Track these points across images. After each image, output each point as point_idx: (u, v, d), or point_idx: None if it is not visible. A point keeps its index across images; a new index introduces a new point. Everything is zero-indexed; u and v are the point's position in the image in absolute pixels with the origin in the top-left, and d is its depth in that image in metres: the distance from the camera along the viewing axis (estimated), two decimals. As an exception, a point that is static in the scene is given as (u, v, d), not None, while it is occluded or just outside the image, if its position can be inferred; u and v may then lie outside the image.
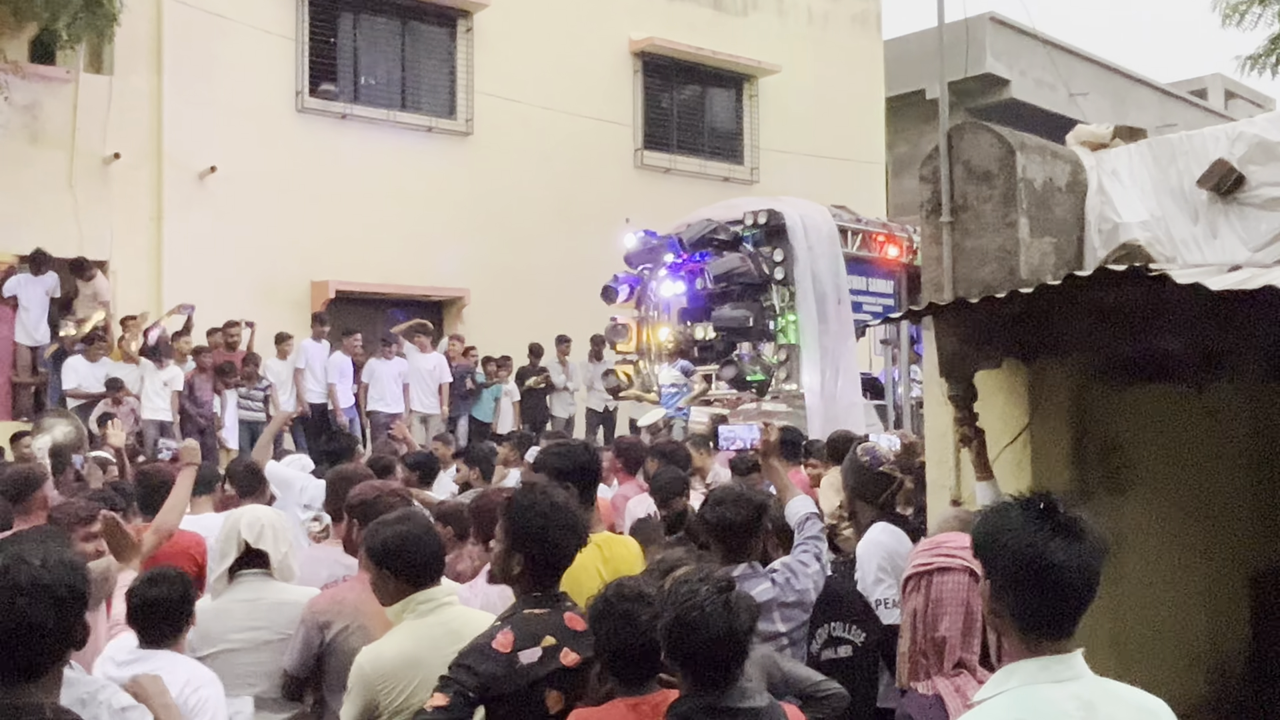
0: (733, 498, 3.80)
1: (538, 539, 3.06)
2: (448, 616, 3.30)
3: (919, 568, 3.04)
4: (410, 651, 3.22)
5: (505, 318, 15.00)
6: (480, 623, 3.30)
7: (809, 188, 15.17)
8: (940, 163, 4.86)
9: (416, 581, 3.32)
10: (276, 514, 4.12)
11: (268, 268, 14.06)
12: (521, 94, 16.02)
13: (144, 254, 13.58)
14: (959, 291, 4.67)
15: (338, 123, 15.14)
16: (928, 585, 2.97)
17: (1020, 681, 2.06)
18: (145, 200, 13.68)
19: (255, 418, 12.36)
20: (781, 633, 3.76)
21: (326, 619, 3.67)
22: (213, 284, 13.21)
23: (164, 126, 13.80)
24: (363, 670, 3.21)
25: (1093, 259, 4.86)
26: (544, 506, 3.09)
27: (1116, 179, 4.98)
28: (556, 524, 3.07)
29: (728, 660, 2.53)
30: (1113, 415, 4.81)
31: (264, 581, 3.89)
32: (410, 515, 3.45)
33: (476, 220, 15.72)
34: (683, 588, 2.55)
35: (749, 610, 2.57)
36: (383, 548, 3.34)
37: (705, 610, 2.50)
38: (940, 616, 2.93)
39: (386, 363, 13.17)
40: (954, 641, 2.89)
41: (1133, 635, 4.51)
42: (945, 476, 4.82)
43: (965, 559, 2.82)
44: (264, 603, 3.84)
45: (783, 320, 12.34)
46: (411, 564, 3.33)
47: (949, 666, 2.90)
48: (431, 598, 3.30)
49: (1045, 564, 2.04)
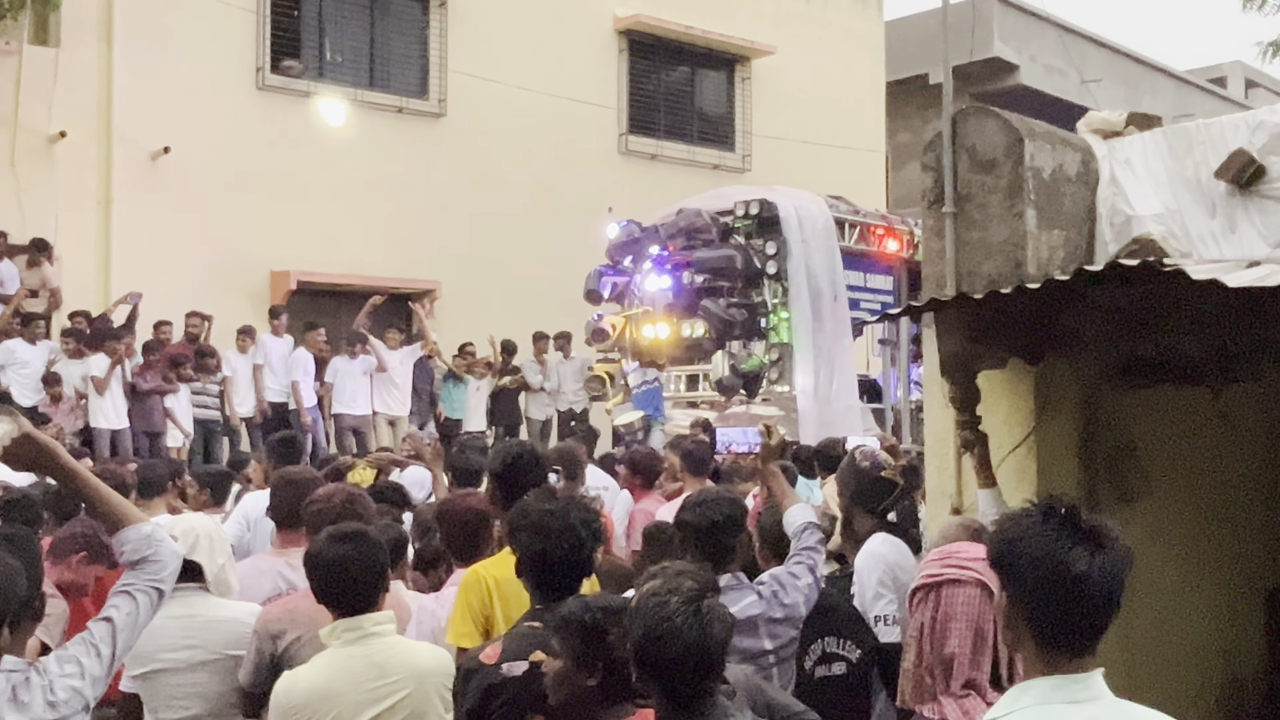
0: (710, 498, 3.79)
1: (537, 556, 3.15)
2: (375, 648, 3.27)
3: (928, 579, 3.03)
4: (323, 684, 3.21)
5: (479, 312, 14.95)
6: (416, 653, 3.34)
7: (804, 177, 15.19)
8: (943, 150, 4.85)
9: (340, 607, 3.31)
10: (214, 523, 4.07)
11: (224, 256, 13.98)
12: (498, 73, 15.97)
13: (91, 240, 13.49)
14: (962, 287, 4.66)
15: (301, 101, 15.06)
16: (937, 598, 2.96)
17: (1033, 701, 2.05)
18: (93, 182, 13.59)
19: (210, 416, 12.28)
20: (768, 650, 3.73)
21: (279, 628, 3.66)
22: (164, 273, 13.10)
23: (114, 103, 13.70)
24: (276, 698, 3.24)
25: (1104, 253, 4.87)
26: (540, 521, 3.17)
27: (1130, 169, 4.99)
28: (556, 540, 3.14)
29: (701, 675, 2.50)
30: (1123, 419, 4.81)
31: (199, 596, 3.82)
32: (350, 534, 3.39)
33: (449, 208, 15.67)
34: (651, 600, 2.51)
35: (723, 621, 2.53)
36: (308, 566, 3.38)
37: (675, 622, 2.46)
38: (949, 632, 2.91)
39: (351, 361, 13.09)
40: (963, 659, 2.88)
41: (1142, 655, 4.51)
42: (946, 483, 4.81)
43: (978, 571, 2.80)
44: (199, 620, 3.78)
45: (775, 317, 12.36)
46: (332, 589, 3.31)
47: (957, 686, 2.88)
48: (357, 626, 3.28)
49: (1066, 574, 2.02)
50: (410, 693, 3.25)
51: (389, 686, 3.23)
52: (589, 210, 15.04)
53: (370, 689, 3.20)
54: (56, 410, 11.06)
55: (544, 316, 14.60)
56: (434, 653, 3.44)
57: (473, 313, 15.07)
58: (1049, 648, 2.06)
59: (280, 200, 14.45)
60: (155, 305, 12.50)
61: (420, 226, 15.41)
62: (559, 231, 15.49)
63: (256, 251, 14.30)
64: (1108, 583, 2.04)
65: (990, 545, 2.15)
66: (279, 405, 12.83)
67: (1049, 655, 2.07)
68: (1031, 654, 2.09)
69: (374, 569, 3.35)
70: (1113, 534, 2.08)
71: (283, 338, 13.13)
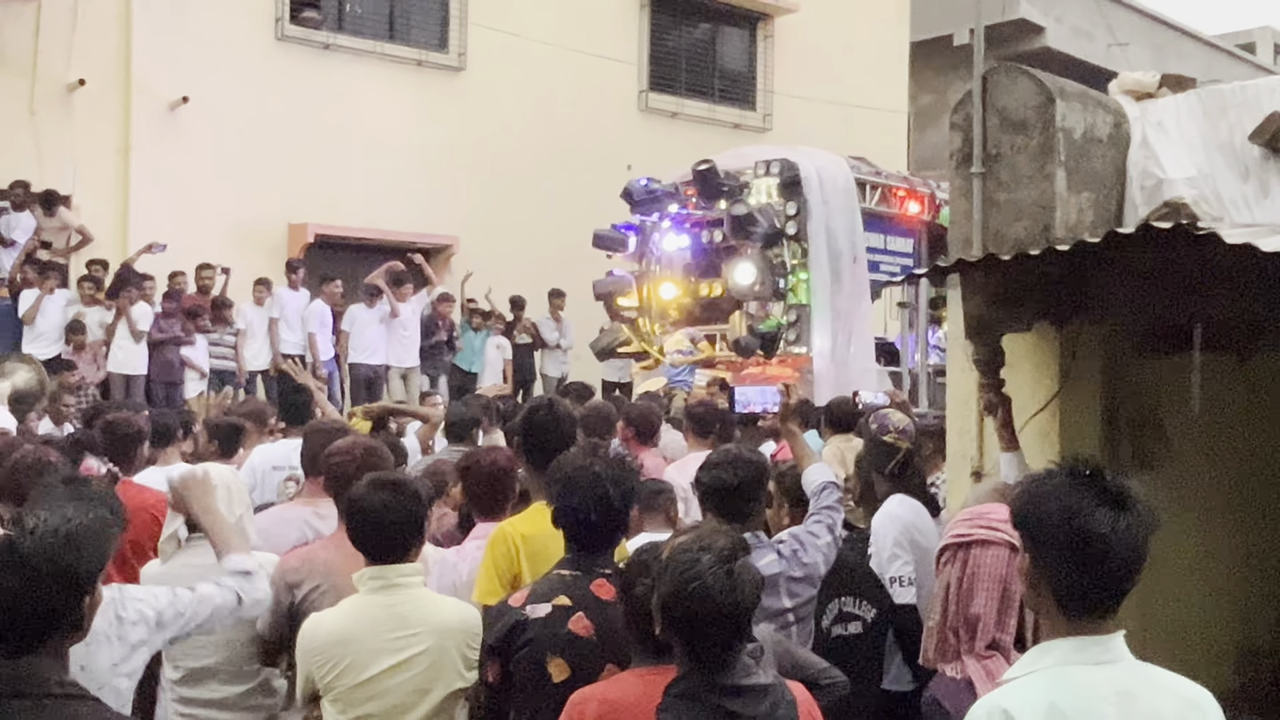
0: (730, 459, 3.76)
1: (570, 510, 3.20)
2: (398, 599, 3.30)
3: (957, 538, 3.02)
4: (345, 629, 3.26)
5: (496, 268, 14.91)
6: (440, 608, 3.35)
7: (826, 137, 15.05)
8: (973, 109, 4.80)
9: (370, 555, 3.34)
10: (231, 473, 4.09)
11: (242, 208, 13.95)
12: (519, 27, 15.84)
13: (109, 189, 13.46)
14: (989, 248, 4.62)
15: (320, 53, 14.96)
16: (965, 558, 2.96)
17: (1054, 661, 2.04)
18: (111, 131, 13.54)
19: (226, 366, 12.33)
20: (787, 608, 3.74)
21: (297, 579, 3.68)
22: (182, 224, 13.09)
23: (133, 52, 13.61)
24: (302, 638, 3.31)
25: (1134, 216, 4.82)
26: (572, 474, 3.23)
27: (1162, 131, 4.92)
28: (590, 494, 3.18)
29: (730, 636, 2.50)
30: (1148, 385, 4.78)
31: None
32: (384, 482, 3.42)
33: (467, 163, 15.60)
34: (682, 556, 2.49)
35: (753, 583, 2.52)
36: (348, 510, 3.42)
37: (706, 582, 2.45)
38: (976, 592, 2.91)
39: (369, 310, 13.09)
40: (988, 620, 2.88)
41: (1159, 620, 4.50)
42: (967, 446, 4.80)
43: (1007, 533, 2.80)
44: (216, 569, 3.82)
45: (793, 278, 12.30)
46: (363, 535, 3.35)
47: (981, 647, 2.88)
48: (382, 575, 3.30)
49: (1089, 534, 2.01)
50: (429, 647, 3.27)
51: (408, 639, 3.25)
52: (607, 167, 14.93)
53: (390, 638, 3.22)
54: (80, 359, 11.10)
55: (561, 273, 14.57)
56: (459, 609, 3.45)
57: (489, 269, 15.03)
58: (1071, 609, 2.06)
59: (298, 153, 14.39)
60: (172, 256, 12.51)
61: (438, 181, 15.35)
62: (577, 188, 15.41)
63: (274, 204, 14.27)
64: (1131, 544, 2.03)
65: (1013, 505, 2.14)
66: (297, 358, 12.84)
67: (1071, 616, 2.06)
68: (1053, 615, 2.08)
69: (410, 519, 3.37)
70: (1138, 495, 2.07)
71: (299, 291, 13.13)
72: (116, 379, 11.44)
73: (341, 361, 13.12)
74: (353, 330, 13.02)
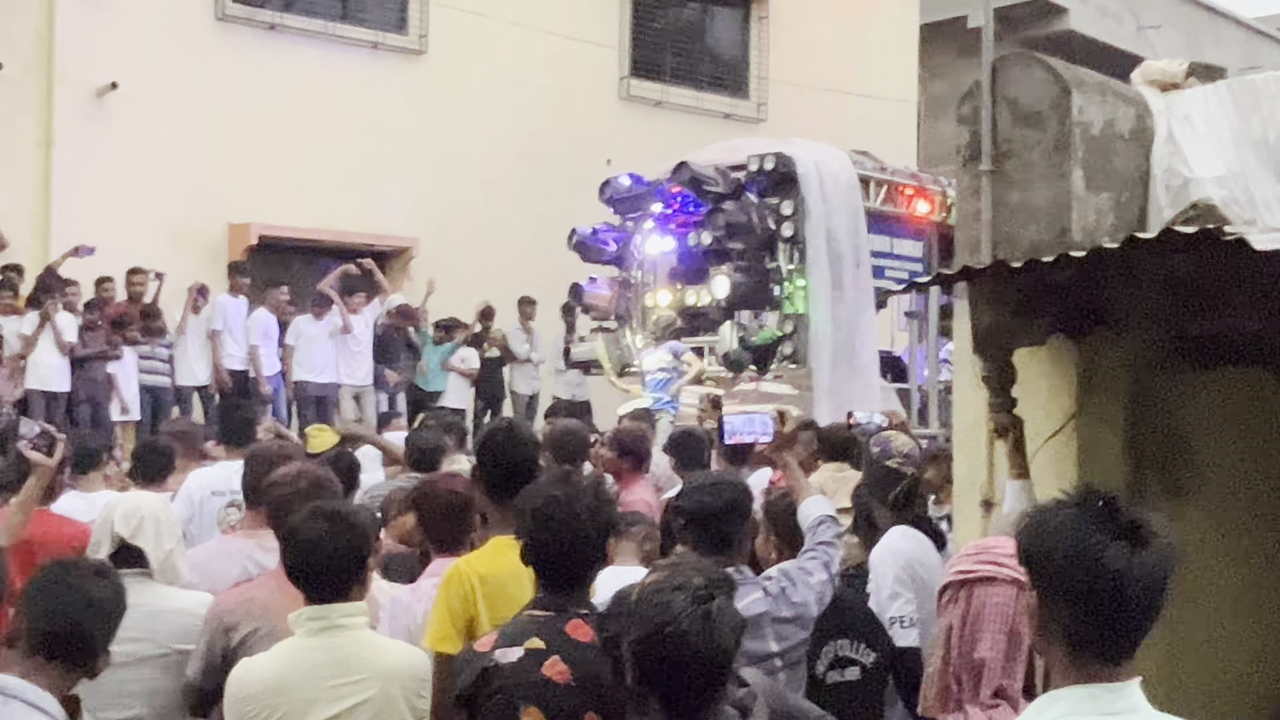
0: (711, 481, 3.79)
1: (539, 545, 3.20)
2: (340, 641, 3.30)
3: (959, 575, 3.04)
4: (279, 676, 3.26)
5: (460, 273, 14.93)
6: (386, 652, 3.36)
7: (826, 129, 15.14)
8: (981, 101, 4.84)
9: (308, 592, 3.35)
10: (161, 503, 4.09)
11: (178, 207, 13.95)
12: (486, 6, 15.90)
13: (29, 185, 13.45)
14: (999, 253, 4.65)
15: (265, 34, 15.00)
16: (968, 597, 2.97)
17: (1063, 711, 2.06)
18: (31, 122, 13.55)
19: (159, 382, 12.30)
20: (774, 653, 3.75)
21: (233, 620, 3.68)
22: (111, 224, 13.08)
23: (55, 33, 13.64)
24: (230, 685, 3.29)
25: (1158, 219, 4.86)
26: (542, 506, 3.23)
27: (1189, 126, 4.97)
28: (558, 529, 3.19)
29: (707, 685, 2.50)
30: (1176, 404, 4.81)
31: (142, 584, 3.82)
32: (323, 512, 3.43)
33: (429, 157, 15.62)
34: (654, 597, 2.50)
35: (733, 625, 2.53)
36: (283, 541, 3.45)
37: (681, 625, 2.45)
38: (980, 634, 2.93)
39: (317, 322, 13.08)
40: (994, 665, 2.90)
41: (1191, 665, 4.53)
42: (977, 473, 4.82)
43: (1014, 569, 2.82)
44: (141, 610, 3.77)
45: (790, 285, 12.34)
46: (301, 571, 3.36)
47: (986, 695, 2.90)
48: (323, 616, 3.30)
49: (1101, 572, 2.02)
50: (373, 695, 3.27)
51: (351, 686, 3.25)
52: (585, 162, 14.98)
53: (329, 685, 3.22)
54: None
55: (532, 279, 14.60)
56: (407, 653, 3.45)
57: (453, 274, 15.04)
58: (1082, 654, 2.07)
59: (240, 145, 14.40)
60: (100, 260, 12.50)
61: (396, 177, 15.36)
62: (551, 185, 15.46)
63: (214, 202, 14.28)
64: (1148, 583, 2.04)
65: (1019, 539, 2.15)
66: (239, 374, 12.83)
67: (1082, 662, 2.07)
68: (1063, 660, 2.09)
69: (350, 554, 3.37)
70: (1155, 529, 2.08)
71: (239, 299, 13.11)
72: (36, 397, 11.39)
73: (287, 379, 13.10)
74: (299, 344, 13.01)
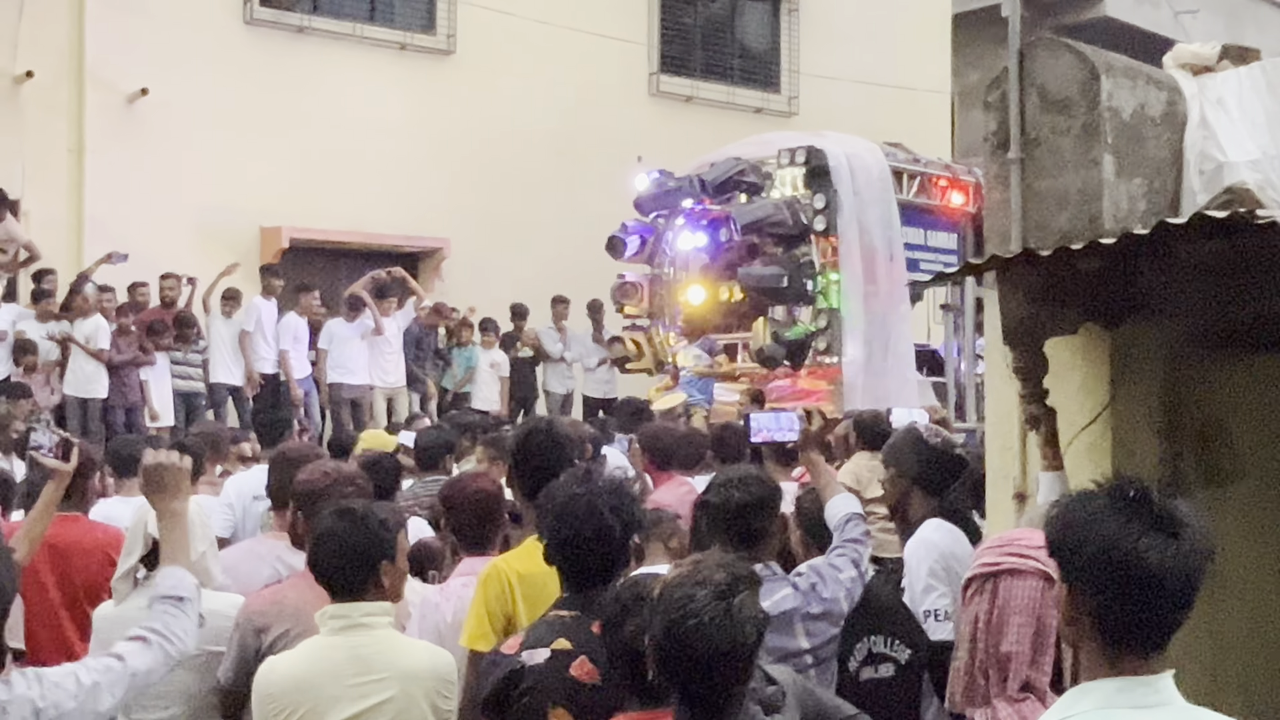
0: (739, 476, 3.79)
1: (563, 543, 3.24)
2: (361, 640, 3.33)
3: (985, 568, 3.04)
4: (301, 673, 3.30)
5: (492, 274, 15.00)
6: (408, 652, 3.39)
7: (858, 121, 15.08)
8: (1009, 87, 4.82)
9: (331, 591, 3.39)
10: (195, 506, 4.13)
11: (209, 211, 14.07)
12: (514, 5, 15.94)
13: (61, 192, 13.60)
14: (1029, 241, 4.63)
15: (294, 37, 15.10)
16: (994, 589, 2.97)
17: (1093, 704, 2.04)
18: (63, 128, 13.69)
19: (193, 388, 12.41)
20: (804, 649, 3.75)
21: (264, 622, 3.71)
22: (143, 230, 13.22)
23: (86, 39, 13.78)
24: (257, 683, 3.35)
25: (1191, 204, 4.81)
26: (565, 504, 3.26)
27: (1222, 109, 4.93)
28: (582, 526, 3.22)
29: (729, 680, 2.51)
30: (1213, 392, 4.77)
31: None
32: (350, 512, 3.46)
33: (458, 157, 15.68)
34: (676, 593, 2.51)
35: (755, 620, 2.54)
36: (308, 544, 3.49)
37: (703, 620, 2.46)
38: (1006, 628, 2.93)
39: (349, 325, 13.16)
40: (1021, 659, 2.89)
41: (1232, 655, 4.49)
42: (1009, 465, 4.79)
43: (1041, 561, 2.81)
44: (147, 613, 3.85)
45: (823, 279, 12.32)
46: (324, 569, 3.40)
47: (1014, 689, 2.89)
48: (344, 614, 3.34)
49: (1135, 564, 2.01)
50: (394, 694, 3.29)
51: (371, 685, 3.28)
52: (615, 159, 14.97)
53: (351, 684, 3.24)
54: (31, 381, 11.13)
55: (564, 278, 14.63)
56: (430, 653, 3.48)
57: (484, 274, 15.11)
58: (1113, 646, 2.06)
59: (271, 148, 14.51)
60: (132, 265, 12.63)
61: (426, 178, 15.44)
62: (581, 184, 15.49)
63: (245, 206, 14.38)
64: (1182, 575, 2.02)
65: (1048, 530, 2.14)
66: (272, 376, 12.93)
67: (1113, 654, 2.06)
68: (1094, 652, 2.08)
69: (366, 553, 3.39)
70: (1190, 519, 2.06)
71: (271, 301, 13.21)
72: (73, 403, 11.52)
73: (320, 382, 13.19)
74: (332, 347, 13.10)
